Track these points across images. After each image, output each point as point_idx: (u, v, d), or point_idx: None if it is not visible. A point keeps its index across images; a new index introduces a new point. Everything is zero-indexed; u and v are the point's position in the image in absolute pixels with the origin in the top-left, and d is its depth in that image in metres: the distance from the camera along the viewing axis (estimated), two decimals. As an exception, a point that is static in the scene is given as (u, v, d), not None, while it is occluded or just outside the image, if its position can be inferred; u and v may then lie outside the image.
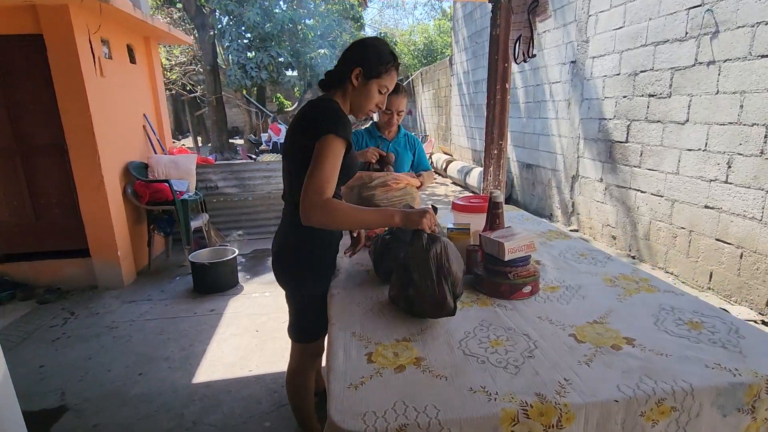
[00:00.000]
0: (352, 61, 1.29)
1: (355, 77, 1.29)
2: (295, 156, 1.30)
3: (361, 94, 1.31)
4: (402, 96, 2.13)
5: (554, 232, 1.83)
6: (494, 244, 1.27)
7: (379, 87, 1.32)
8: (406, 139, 2.36)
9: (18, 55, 2.94)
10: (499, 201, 1.39)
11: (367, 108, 1.35)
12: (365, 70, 1.28)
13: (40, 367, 2.38)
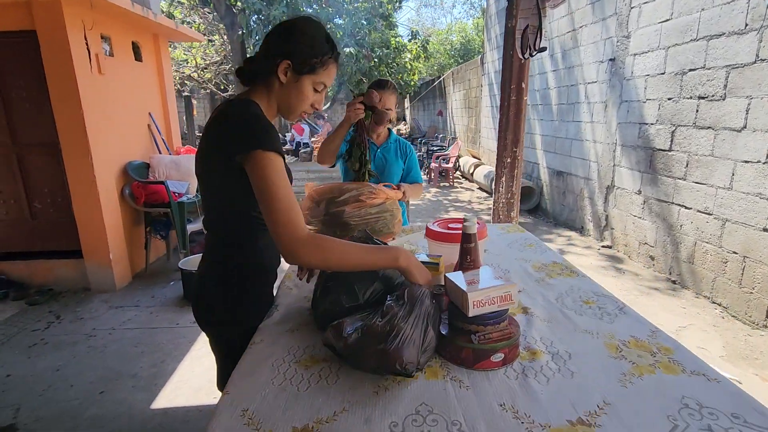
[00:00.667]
0: (279, 52, 1.01)
1: (283, 72, 1.02)
2: (211, 175, 1.04)
3: (291, 93, 1.05)
4: (390, 92, 1.90)
5: (558, 265, 1.48)
6: (458, 291, 0.96)
7: (314, 84, 1.05)
8: (397, 145, 2.10)
9: (12, 51, 2.89)
10: (471, 233, 1.08)
11: (300, 109, 1.09)
12: (295, 63, 1.01)
13: (7, 376, 2.28)
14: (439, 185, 8.56)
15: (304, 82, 1.04)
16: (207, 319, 1.20)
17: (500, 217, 2.82)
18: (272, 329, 1.14)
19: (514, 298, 0.94)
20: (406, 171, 2.11)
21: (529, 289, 1.31)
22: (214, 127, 1.01)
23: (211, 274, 1.16)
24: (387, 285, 1.09)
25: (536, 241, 1.79)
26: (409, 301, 0.94)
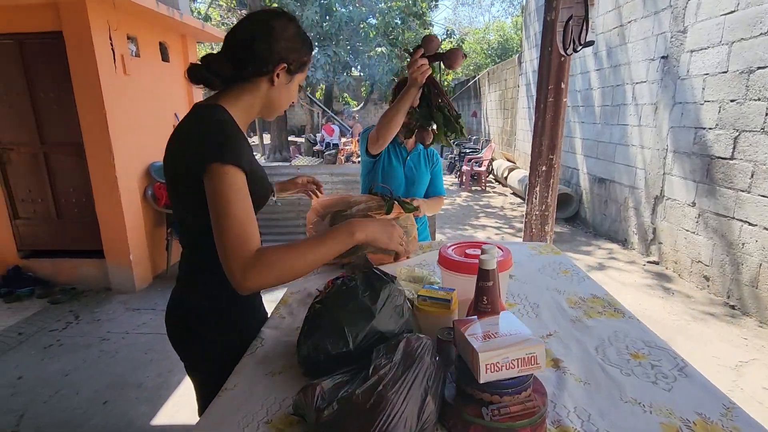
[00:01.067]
0: (273, 56, 0.93)
1: (278, 74, 0.96)
2: (190, 197, 0.92)
3: (283, 93, 1.00)
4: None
5: (599, 301, 1.24)
6: (468, 347, 0.76)
7: (301, 81, 1.04)
8: (425, 153, 1.91)
9: (41, 52, 2.92)
10: (489, 269, 0.87)
11: (285, 105, 1.05)
12: (292, 64, 0.97)
13: (18, 378, 2.27)
14: (470, 189, 8.26)
15: (295, 81, 1.02)
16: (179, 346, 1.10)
17: (533, 230, 2.57)
18: (252, 370, 0.98)
19: (540, 361, 0.73)
20: (431, 181, 1.91)
21: (562, 332, 1.09)
22: (178, 138, 0.92)
23: (188, 293, 1.06)
24: (385, 328, 0.90)
25: (572, 266, 1.55)
26: (404, 359, 0.75)
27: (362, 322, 0.90)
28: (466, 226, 5.80)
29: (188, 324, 1.05)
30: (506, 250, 1.16)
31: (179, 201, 0.97)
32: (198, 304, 1.03)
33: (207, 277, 1.01)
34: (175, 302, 1.07)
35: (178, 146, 0.92)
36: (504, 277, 1.13)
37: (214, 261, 0.93)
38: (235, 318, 1.08)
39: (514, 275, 1.43)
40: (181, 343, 1.08)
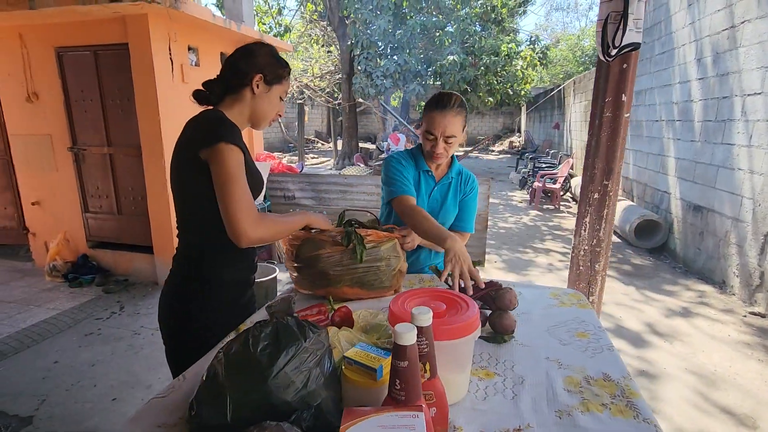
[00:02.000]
0: (251, 68, 1.16)
1: (256, 84, 1.17)
2: (187, 177, 1.13)
3: (264, 102, 1.20)
4: (452, 114, 1.39)
5: (611, 386, 0.90)
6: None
7: (280, 93, 1.23)
8: (458, 180, 1.60)
9: (111, 62, 3.19)
10: (403, 344, 0.64)
11: (270, 117, 1.25)
12: (267, 75, 1.18)
13: (54, 362, 2.45)
14: (541, 208, 7.61)
15: (274, 91, 1.21)
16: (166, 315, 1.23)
17: (580, 269, 2.17)
18: (149, 415, 0.86)
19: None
20: (458, 214, 1.62)
21: (538, 429, 0.80)
22: (184, 133, 1.13)
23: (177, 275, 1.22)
24: (277, 405, 0.71)
25: (596, 329, 1.21)
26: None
27: (250, 388, 0.73)
28: (528, 248, 5.29)
29: (178, 295, 1.19)
30: (471, 306, 0.91)
31: (188, 193, 1.15)
32: (191, 281, 1.18)
33: (205, 257, 1.17)
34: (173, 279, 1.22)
35: (185, 141, 1.11)
36: (467, 344, 0.88)
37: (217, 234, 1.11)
38: (220, 301, 1.20)
39: (514, 332, 1.15)
40: (169, 311, 1.21)
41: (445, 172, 1.58)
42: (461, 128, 1.43)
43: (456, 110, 1.40)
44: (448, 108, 1.39)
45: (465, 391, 0.91)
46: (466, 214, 1.62)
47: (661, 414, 2.24)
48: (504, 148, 18.39)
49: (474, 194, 1.62)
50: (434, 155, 1.46)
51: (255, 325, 0.82)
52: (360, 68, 8.33)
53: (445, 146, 1.43)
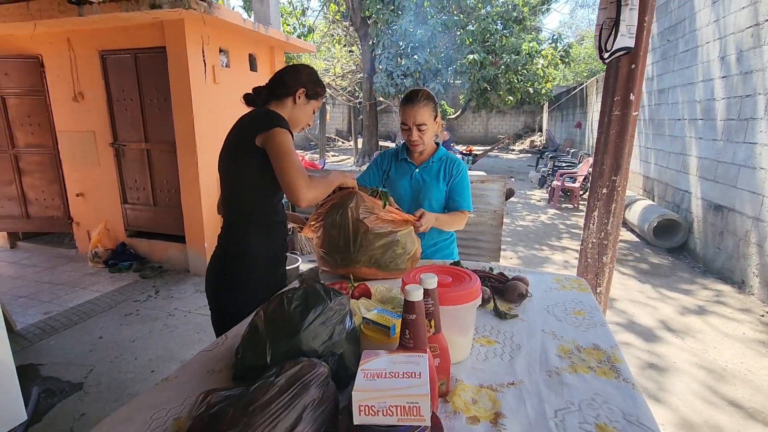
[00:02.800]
0: (296, 82, 1.40)
1: (299, 96, 1.41)
2: (240, 160, 1.33)
3: (302, 111, 1.44)
4: (419, 105, 1.61)
5: (599, 353, 1.02)
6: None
7: (315, 107, 1.48)
8: (441, 164, 1.77)
9: (150, 64, 3.43)
10: (412, 300, 0.79)
11: (304, 124, 1.48)
12: (309, 90, 1.43)
13: (99, 338, 2.69)
14: (559, 206, 7.60)
15: (310, 105, 1.46)
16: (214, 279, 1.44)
17: (588, 261, 2.26)
18: (198, 364, 1.03)
19: (424, 414, 0.64)
20: (448, 194, 1.76)
21: (529, 384, 0.93)
22: (238, 125, 1.36)
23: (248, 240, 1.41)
24: (307, 352, 0.86)
25: (592, 308, 1.32)
26: (287, 383, 0.72)
27: (285, 337, 0.88)
28: (544, 246, 5.34)
29: (222, 269, 1.40)
30: (474, 279, 1.04)
31: (237, 173, 1.36)
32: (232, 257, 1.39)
33: (246, 233, 1.38)
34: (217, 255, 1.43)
35: (242, 129, 1.33)
36: (469, 310, 1.01)
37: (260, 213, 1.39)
38: (257, 274, 1.39)
39: (517, 313, 1.27)
40: (214, 282, 1.41)
41: (426, 158, 1.76)
42: (430, 117, 1.63)
43: (423, 102, 1.61)
44: (415, 101, 1.61)
45: (467, 353, 1.05)
46: (459, 195, 1.75)
47: (666, 404, 2.30)
48: (525, 147, 18.23)
49: (462, 176, 1.76)
50: (411, 143, 1.67)
51: (288, 290, 0.98)
52: (381, 67, 8.47)
53: (419, 134, 1.63)
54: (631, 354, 2.81)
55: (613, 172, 2.11)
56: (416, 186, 1.75)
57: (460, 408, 0.86)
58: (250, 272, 1.38)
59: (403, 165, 1.77)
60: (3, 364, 1.79)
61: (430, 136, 1.68)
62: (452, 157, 1.78)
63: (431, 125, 1.65)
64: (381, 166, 1.83)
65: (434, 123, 1.67)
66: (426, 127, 1.63)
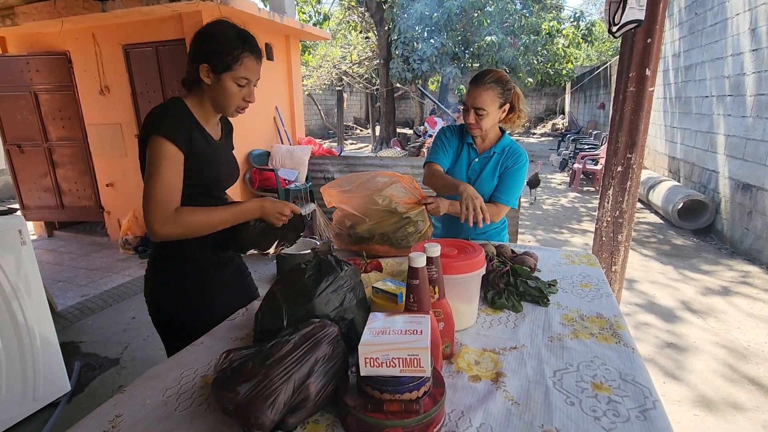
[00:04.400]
0: (198, 58, 1.10)
1: (205, 75, 1.11)
2: (142, 163, 1.12)
3: (217, 92, 1.13)
4: (483, 88, 1.47)
5: (602, 321, 1.05)
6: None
7: (234, 80, 1.12)
8: (502, 156, 1.62)
9: (171, 56, 3.54)
10: (416, 266, 0.84)
11: (232, 105, 1.16)
12: (212, 65, 1.10)
13: (132, 318, 2.86)
14: (580, 190, 7.47)
15: (224, 80, 1.11)
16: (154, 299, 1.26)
17: (603, 239, 2.26)
18: (223, 330, 1.12)
19: (424, 365, 0.70)
20: (496, 186, 1.62)
21: (531, 348, 0.98)
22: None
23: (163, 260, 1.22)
24: (320, 317, 0.93)
25: (599, 281, 1.35)
26: (301, 340, 0.79)
27: (300, 303, 0.95)
28: (564, 229, 5.29)
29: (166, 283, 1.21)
30: (478, 250, 1.09)
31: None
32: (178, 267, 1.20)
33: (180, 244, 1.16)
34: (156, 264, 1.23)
35: (141, 131, 1.11)
36: (473, 279, 1.06)
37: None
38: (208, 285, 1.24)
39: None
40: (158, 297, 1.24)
41: (489, 146, 1.63)
42: (493, 102, 1.48)
43: (489, 84, 1.47)
44: (479, 82, 1.48)
45: (473, 321, 1.10)
46: (504, 186, 1.60)
47: (684, 382, 2.30)
48: (546, 130, 17.83)
49: (517, 168, 1.60)
50: (469, 126, 1.54)
51: (302, 262, 1.05)
52: (397, 53, 8.41)
53: (476, 117, 1.50)
54: (650, 334, 2.80)
55: (628, 150, 2.10)
56: (472, 176, 1.65)
57: (463, 368, 0.92)
58: (178, 268, 1.21)
59: (466, 150, 1.66)
60: (48, 341, 1.94)
61: (490, 123, 1.53)
62: (515, 148, 1.62)
63: (493, 112, 1.50)
64: (449, 144, 1.67)
65: (498, 110, 1.51)
66: (485, 113, 1.48)
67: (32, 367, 1.87)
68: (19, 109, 4.07)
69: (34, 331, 1.87)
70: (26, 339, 1.84)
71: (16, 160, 4.24)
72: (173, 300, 1.22)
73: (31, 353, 1.86)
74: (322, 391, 0.76)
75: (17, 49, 4.08)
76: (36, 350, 1.88)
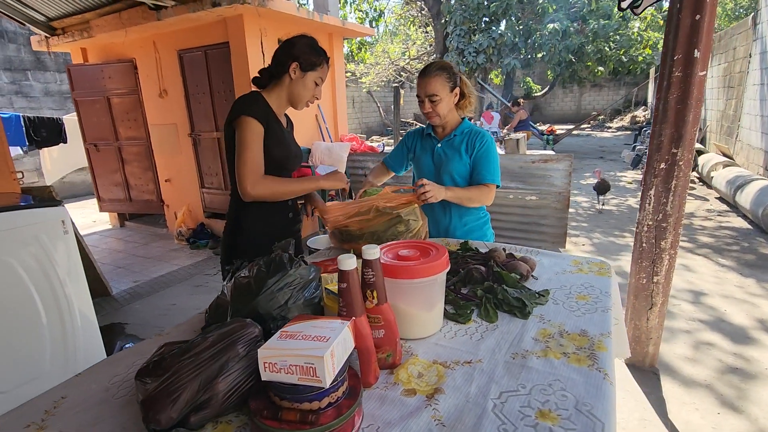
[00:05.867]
0: (288, 57, 1.37)
1: (293, 71, 1.38)
2: (228, 145, 1.40)
3: (299, 85, 1.40)
4: (430, 76, 1.57)
5: (583, 340, 0.90)
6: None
7: (315, 79, 1.41)
8: (465, 137, 1.68)
9: (217, 59, 3.74)
10: (345, 269, 0.79)
11: (306, 99, 1.43)
12: (302, 63, 1.38)
13: (172, 304, 3.08)
14: (653, 189, 6.71)
15: (308, 77, 1.40)
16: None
17: (643, 245, 2.00)
18: (189, 325, 1.15)
19: (321, 376, 0.65)
20: (472, 167, 1.67)
21: (486, 365, 0.88)
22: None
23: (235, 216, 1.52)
24: (263, 315, 0.91)
25: (602, 294, 1.18)
26: (217, 339, 0.77)
27: (245, 299, 0.94)
28: (626, 232, 4.80)
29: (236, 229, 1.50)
30: (441, 251, 1.00)
31: (230, 157, 1.39)
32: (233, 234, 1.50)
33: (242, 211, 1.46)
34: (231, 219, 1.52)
35: (227, 117, 1.37)
36: (432, 284, 0.97)
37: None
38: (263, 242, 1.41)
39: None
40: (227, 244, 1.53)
41: (449, 132, 1.70)
42: (443, 87, 1.57)
43: (435, 72, 1.57)
44: (426, 72, 1.58)
45: (435, 329, 1.01)
46: (484, 167, 1.65)
47: (744, 414, 1.98)
48: (624, 124, 16.35)
49: (487, 147, 1.65)
50: (427, 115, 1.63)
51: (258, 258, 1.03)
52: (452, 45, 8.18)
53: (431, 105, 1.59)
54: (711, 356, 2.45)
55: (673, 144, 1.83)
56: (438, 161, 1.70)
57: (402, 380, 0.85)
58: (249, 248, 1.44)
59: (427, 141, 1.75)
60: (89, 321, 2.15)
61: (446, 108, 1.62)
62: (477, 129, 1.70)
63: (445, 97, 1.59)
64: (407, 144, 1.81)
65: (450, 94, 1.61)
66: (438, 98, 1.57)
67: (73, 345, 2.08)
68: (96, 112, 4.58)
69: (75, 313, 2.07)
70: (68, 320, 2.05)
71: (94, 158, 4.78)
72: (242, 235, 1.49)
73: (73, 333, 2.07)
74: (231, 390, 0.73)
75: (95, 59, 4.59)
76: (77, 330, 2.09)
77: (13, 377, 1.86)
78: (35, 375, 1.93)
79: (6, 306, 1.84)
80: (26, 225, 1.91)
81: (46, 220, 1.96)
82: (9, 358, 1.84)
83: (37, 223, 1.94)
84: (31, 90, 6.37)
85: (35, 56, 6.35)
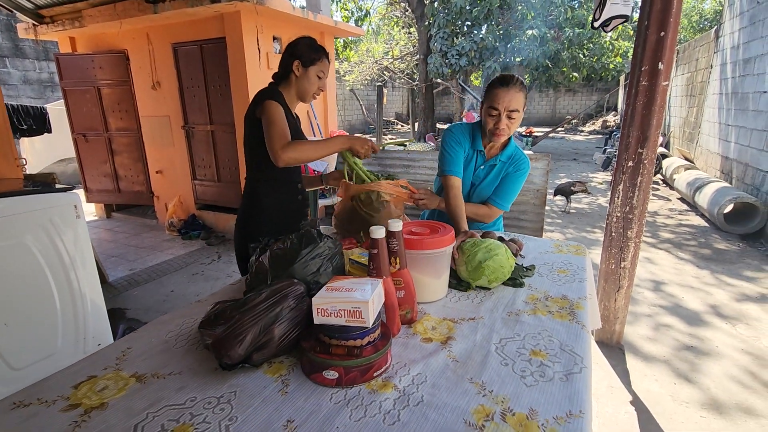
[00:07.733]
0: (291, 57, 1.55)
1: (296, 68, 1.54)
2: (249, 130, 1.55)
3: (304, 80, 1.56)
4: (515, 90, 1.45)
5: (563, 302, 1.11)
6: (324, 295, 0.89)
7: (317, 72, 1.57)
8: (505, 165, 1.64)
9: (212, 54, 3.82)
10: (375, 237, 0.96)
11: (311, 91, 1.59)
12: (303, 60, 1.54)
13: (171, 291, 3.17)
14: (622, 189, 7.13)
15: (310, 71, 1.56)
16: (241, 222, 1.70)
17: (612, 235, 2.25)
18: (224, 294, 1.29)
19: (365, 317, 0.82)
20: (495, 188, 1.66)
21: (487, 320, 1.07)
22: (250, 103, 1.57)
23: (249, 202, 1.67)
24: (299, 276, 1.07)
25: (579, 269, 1.39)
26: (269, 294, 0.93)
27: (283, 266, 1.10)
28: (596, 228, 5.14)
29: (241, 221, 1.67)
30: (448, 230, 1.18)
31: (249, 140, 1.57)
32: (248, 210, 1.64)
33: (257, 187, 1.63)
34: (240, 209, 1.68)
35: (250, 105, 1.53)
36: (440, 255, 1.15)
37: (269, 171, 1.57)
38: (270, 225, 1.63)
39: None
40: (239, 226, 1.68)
41: (496, 153, 1.62)
42: (522, 105, 1.47)
43: (519, 87, 1.45)
44: (511, 84, 1.45)
45: (441, 294, 1.20)
46: (502, 190, 1.63)
47: (697, 384, 2.25)
48: (596, 128, 17.04)
49: (518, 174, 1.61)
50: (497, 131, 1.49)
51: (289, 234, 1.19)
52: (436, 47, 8.41)
53: (508, 122, 1.47)
54: (668, 335, 2.73)
55: (639, 145, 2.08)
56: (475, 181, 1.68)
57: (419, 332, 1.03)
58: (265, 221, 1.62)
59: (475, 156, 1.65)
60: (97, 306, 2.24)
61: (516, 128, 1.53)
62: (519, 155, 1.64)
63: (521, 115, 1.49)
64: (462, 145, 1.64)
65: (521, 114, 1.50)
66: (517, 115, 1.47)
67: (83, 327, 2.17)
68: (85, 102, 4.56)
69: (86, 297, 2.16)
70: (79, 303, 2.14)
71: (82, 148, 4.76)
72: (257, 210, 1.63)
73: (83, 315, 2.16)
74: (284, 335, 0.90)
75: (84, 49, 4.57)
76: (87, 313, 2.17)
77: (30, 355, 1.94)
78: (49, 352, 2.02)
79: (23, 286, 1.92)
80: (41, 209, 1.99)
81: (59, 204, 2.04)
82: (27, 335, 1.93)
83: (51, 207, 2.02)
84: (9, 78, 6.22)
85: (14, 43, 6.21)
